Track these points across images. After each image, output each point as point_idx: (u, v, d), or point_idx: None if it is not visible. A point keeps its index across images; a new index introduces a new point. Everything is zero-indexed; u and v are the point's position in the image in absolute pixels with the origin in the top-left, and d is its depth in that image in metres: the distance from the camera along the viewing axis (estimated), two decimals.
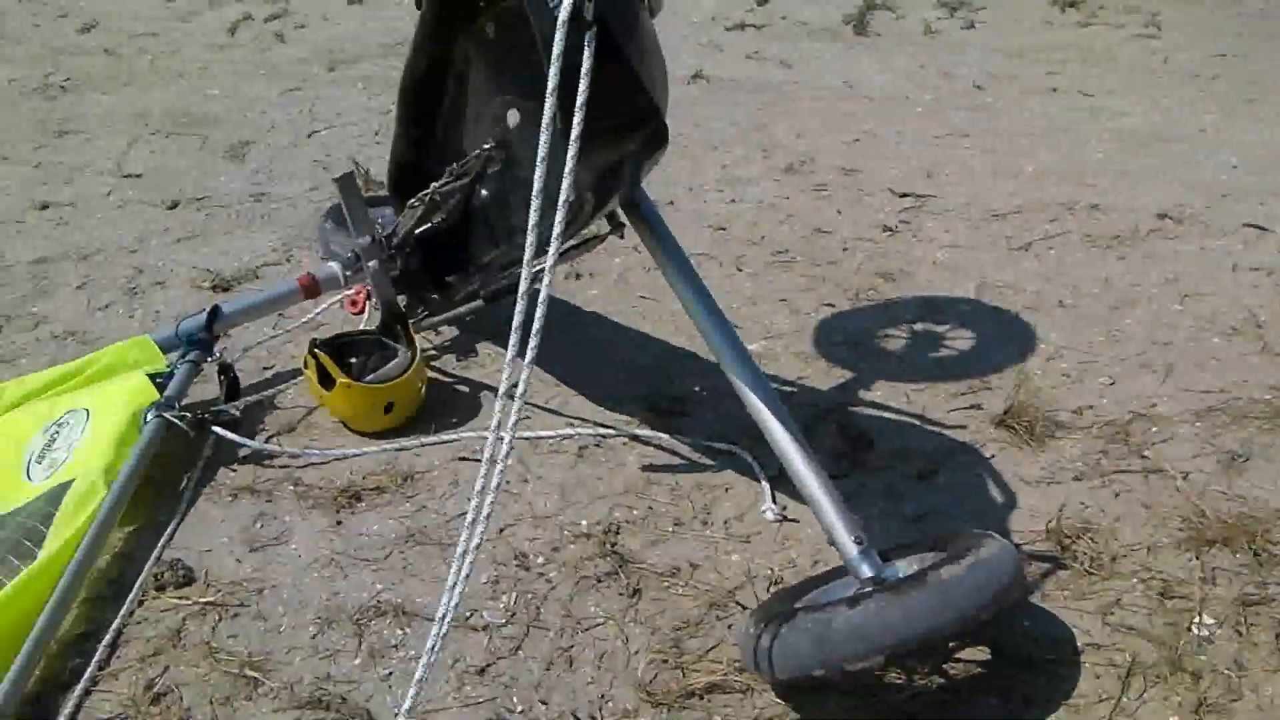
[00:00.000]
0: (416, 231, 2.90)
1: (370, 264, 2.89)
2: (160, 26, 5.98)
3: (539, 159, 1.89)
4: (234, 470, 2.66)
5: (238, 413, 2.80)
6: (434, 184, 2.75)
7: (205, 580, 2.33)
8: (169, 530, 2.46)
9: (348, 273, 2.98)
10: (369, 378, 2.77)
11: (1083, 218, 3.93)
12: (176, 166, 4.37)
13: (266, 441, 2.77)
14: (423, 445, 2.74)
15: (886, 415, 2.86)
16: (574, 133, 1.87)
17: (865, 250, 3.66)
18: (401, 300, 3.02)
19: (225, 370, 2.88)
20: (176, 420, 2.62)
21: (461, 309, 2.89)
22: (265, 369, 3.11)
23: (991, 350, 3.15)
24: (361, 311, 3.18)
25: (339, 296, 3.24)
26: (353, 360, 2.87)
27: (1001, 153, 4.51)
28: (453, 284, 2.90)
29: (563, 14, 1.88)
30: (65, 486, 2.43)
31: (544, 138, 1.88)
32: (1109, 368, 3.02)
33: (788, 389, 2.96)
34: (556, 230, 1.88)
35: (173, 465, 2.66)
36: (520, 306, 1.88)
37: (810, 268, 3.56)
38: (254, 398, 2.90)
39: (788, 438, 2.18)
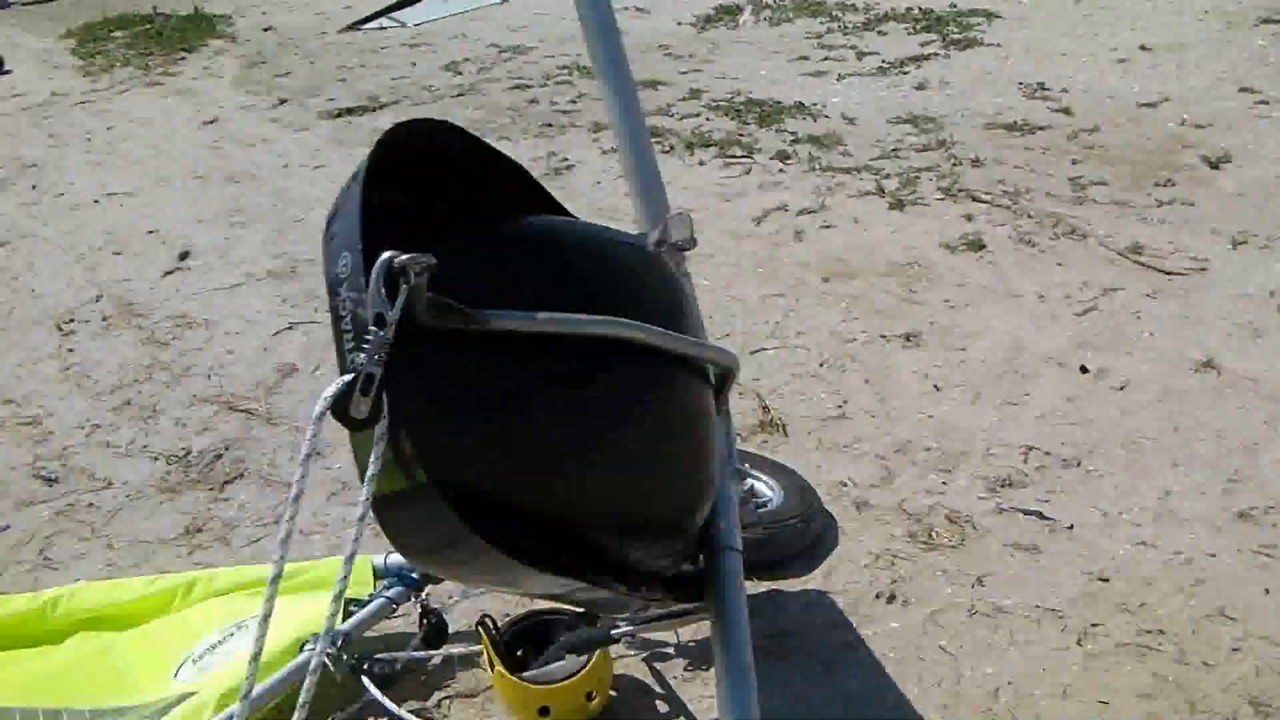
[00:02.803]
0: None
1: None
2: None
3: None
4: None
5: (399, 664, 2.62)
6: None
7: None
8: None
9: None
10: (526, 674, 2.49)
11: None
12: None
13: (427, 706, 2.58)
14: None
15: None
16: (348, 550, 1.49)
17: None
18: None
19: (428, 614, 2.71)
20: (327, 660, 2.49)
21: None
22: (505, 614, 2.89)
23: None
24: None
25: None
26: (551, 643, 2.61)
27: None
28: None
29: (318, 407, 1.32)
30: (182, 700, 2.36)
31: None
32: None
33: None
34: None
35: (328, 708, 2.53)
36: None
37: None
38: (451, 651, 2.70)
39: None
